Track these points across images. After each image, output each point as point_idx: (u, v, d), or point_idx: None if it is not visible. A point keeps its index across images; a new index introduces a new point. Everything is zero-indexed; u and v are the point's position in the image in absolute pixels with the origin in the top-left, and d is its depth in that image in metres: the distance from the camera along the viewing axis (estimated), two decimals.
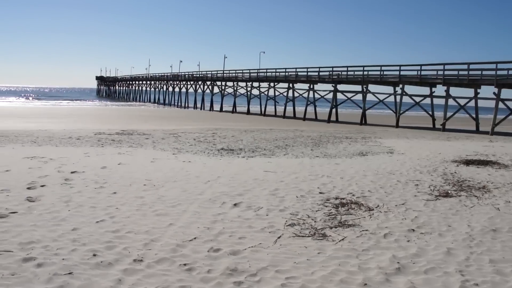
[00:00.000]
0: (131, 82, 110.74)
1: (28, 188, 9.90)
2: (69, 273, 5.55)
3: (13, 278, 5.37)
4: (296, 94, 51.48)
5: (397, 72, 38.98)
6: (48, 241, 6.62)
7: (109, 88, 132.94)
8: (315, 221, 8.03)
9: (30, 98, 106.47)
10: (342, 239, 7.09)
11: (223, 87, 65.62)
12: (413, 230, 7.72)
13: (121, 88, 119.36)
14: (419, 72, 37.83)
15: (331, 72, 45.42)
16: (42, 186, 10.16)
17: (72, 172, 11.77)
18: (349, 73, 43.79)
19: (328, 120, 43.46)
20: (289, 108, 51.10)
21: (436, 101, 40.53)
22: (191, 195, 9.69)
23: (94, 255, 6.14)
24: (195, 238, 6.96)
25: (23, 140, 19.21)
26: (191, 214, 8.22)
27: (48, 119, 36.58)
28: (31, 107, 62.72)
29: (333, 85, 44.88)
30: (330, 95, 45.93)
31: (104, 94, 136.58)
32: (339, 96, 45.12)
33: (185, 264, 5.92)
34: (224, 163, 14.25)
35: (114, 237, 6.86)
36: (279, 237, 7.12)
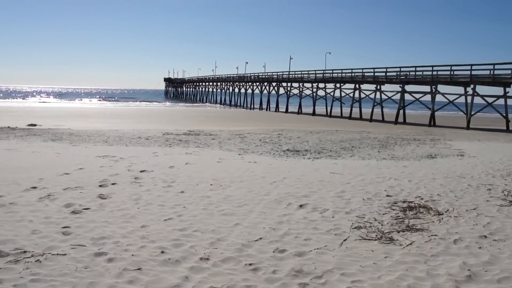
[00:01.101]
0: (198, 84, 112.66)
1: (100, 186, 10.27)
2: (138, 269, 5.70)
3: (86, 271, 5.58)
4: (362, 95, 50.83)
5: (468, 72, 37.73)
6: (119, 237, 6.83)
7: (177, 89, 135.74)
8: (382, 225, 7.88)
9: (101, 99, 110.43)
10: (410, 244, 6.92)
11: (288, 88, 65.63)
12: (485, 236, 7.42)
13: (188, 89, 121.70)
14: (491, 71, 36.40)
15: (398, 73, 44.53)
16: (113, 184, 10.50)
17: (141, 171, 12.11)
18: (417, 73, 42.76)
19: (395, 122, 42.61)
20: (355, 109, 50.46)
21: (510, 101, 38.91)
22: (257, 195, 9.74)
23: (162, 252, 6.27)
24: (260, 238, 6.98)
25: (95, 140, 19.94)
26: (257, 215, 8.26)
27: (118, 120, 37.79)
28: (102, 108, 65.03)
29: (401, 85, 43.98)
30: (397, 96, 45.04)
31: (171, 95, 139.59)
32: (407, 97, 44.19)
33: (250, 264, 5.95)
34: (290, 164, 14.24)
35: (181, 235, 6.99)
36: (345, 240, 7.03)
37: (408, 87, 44.02)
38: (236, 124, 34.77)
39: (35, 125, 29.04)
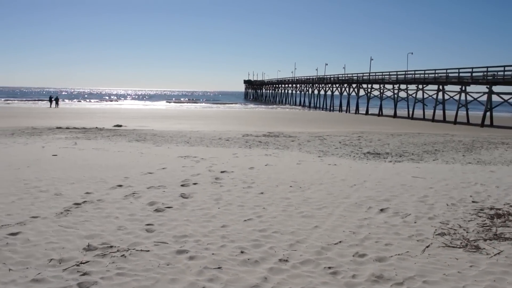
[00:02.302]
0: (277, 86, 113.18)
1: (182, 185, 10.53)
2: (218, 268, 5.78)
3: (168, 268, 5.74)
4: (446, 97, 49.08)
5: None
6: (200, 236, 6.97)
7: (256, 91, 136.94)
8: (467, 232, 7.56)
9: (187, 101, 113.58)
10: (498, 253, 6.58)
11: (369, 90, 64.58)
12: None
13: (268, 91, 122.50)
14: None
15: (485, 73, 42.53)
16: (194, 184, 10.73)
17: (222, 172, 12.30)
18: (506, 73, 40.54)
19: (482, 124, 40.84)
20: (438, 112, 48.84)
21: None
22: (336, 198, 9.64)
23: (242, 252, 6.34)
24: (340, 241, 6.90)
25: (177, 141, 20.49)
26: (337, 218, 8.17)
27: (199, 121, 38.62)
28: (184, 110, 66.75)
29: (488, 86, 42.04)
30: (484, 97, 43.09)
31: (251, 97, 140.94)
32: (494, 98, 42.14)
33: (329, 267, 5.89)
34: (370, 167, 13.99)
35: (261, 236, 7.04)
36: (427, 246, 6.81)
37: (496, 88, 42.01)
38: (316, 126, 34.60)
39: (120, 126, 30.26)
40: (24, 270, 5.62)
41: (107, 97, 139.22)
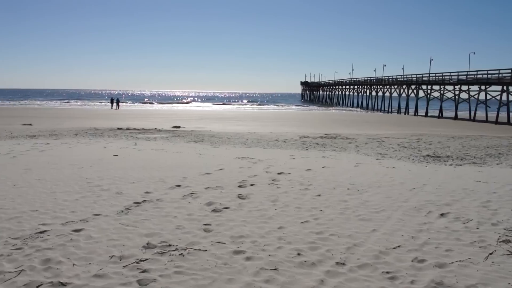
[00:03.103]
0: (334, 87, 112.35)
1: (239, 186, 10.60)
2: (275, 269, 5.78)
3: (225, 268, 5.79)
4: (511, 98, 47.28)
5: None
6: (256, 237, 7.00)
7: (313, 93, 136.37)
8: None
9: (239, 103, 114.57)
10: None
11: (428, 91, 63.11)
12: None
13: (325, 92, 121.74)
14: None
15: None
16: (251, 185, 10.79)
17: (279, 173, 12.31)
18: None
19: None
20: (502, 113, 47.14)
21: None
22: (395, 201, 9.46)
23: (298, 254, 6.32)
24: (398, 246, 6.76)
25: (234, 142, 20.66)
26: (395, 221, 8.01)
27: (256, 122, 38.80)
28: (241, 111, 67.24)
29: None
30: None
31: (308, 98, 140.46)
32: None
33: (387, 272, 5.78)
34: (430, 170, 13.66)
35: (317, 239, 6.99)
36: (490, 254, 6.57)
37: None
38: (373, 128, 34.12)
39: (179, 127, 30.80)
40: (87, 266, 5.81)
41: (165, 99, 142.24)
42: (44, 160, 14.18)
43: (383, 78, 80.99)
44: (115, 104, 71.97)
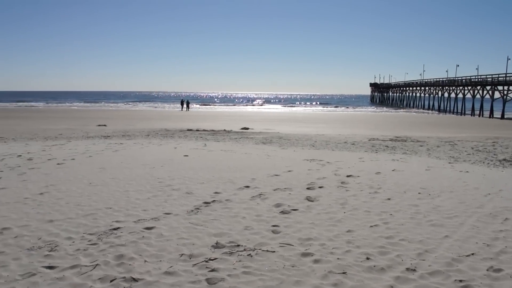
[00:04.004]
0: (404, 88, 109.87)
1: (308, 188, 10.56)
2: (343, 273, 5.72)
3: (293, 270, 5.78)
4: None
5: None
6: (325, 240, 6.95)
7: (383, 94, 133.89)
8: None
9: (307, 104, 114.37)
10: None
11: (504, 92, 60.51)
12: None
13: (395, 94, 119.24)
14: None
15: None
16: (320, 187, 10.72)
17: (347, 176, 12.16)
18: None
19: None
20: None
21: None
22: (469, 207, 9.12)
23: (367, 258, 6.22)
24: (472, 254, 6.51)
25: (303, 144, 20.60)
26: (469, 228, 7.72)
27: (324, 124, 38.55)
28: (308, 113, 66.99)
29: None
30: None
31: (377, 100, 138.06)
32: None
33: (460, 281, 5.57)
34: (507, 175, 13.07)
35: (387, 243, 6.85)
36: None
37: None
38: (446, 131, 33.09)
39: (247, 128, 31.04)
40: (158, 263, 5.97)
41: (232, 101, 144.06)
42: (118, 160, 14.67)
43: (456, 79, 78.42)
44: (185, 106, 73.46)
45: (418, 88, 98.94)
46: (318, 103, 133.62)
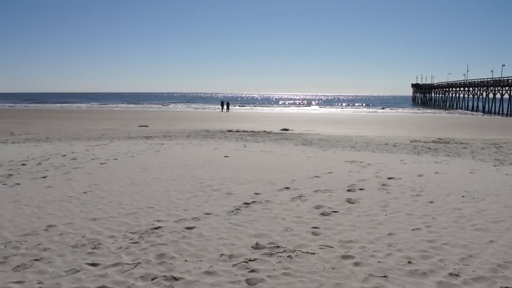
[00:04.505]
0: (447, 89, 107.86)
1: (348, 190, 10.47)
2: (384, 276, 5.65)
3: (333, 272, 5.74)
4: None
5: None
6: (365, 242, 6.88)
7: (425, 95, 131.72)
8: None
9: (348, 105, 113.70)
10: None
11: None
12: None
13: (437, 95, 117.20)
14: None
15: None
16: (360, 189, 10.62)
17: (389, 178, 12.01)
18: None
19: None
20: None
21: None
22: None
23: (409, 262, 6.12)
24: None
25: (343, 145, 20.45)
26: None
27: (365, 126, 38.18)
28: (348, 114, 66.45)
29: None
30: None
31: (419, 101, 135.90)
32: None
33: (507, 287, 5.44)
34: None
35: (429, 247, 6.73)
36: None
37: None
38: (490, 132, 32.30)
39: (287, 129, 31.03)
40: (198, 262, 6.02)
41: (272, 102, 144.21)
42: (159, 160, 14.88)
43: (502, 79, 76.48)
44: (225, 107, 73.93)
45: (462, 88, 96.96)
46: (359, 104, 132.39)
